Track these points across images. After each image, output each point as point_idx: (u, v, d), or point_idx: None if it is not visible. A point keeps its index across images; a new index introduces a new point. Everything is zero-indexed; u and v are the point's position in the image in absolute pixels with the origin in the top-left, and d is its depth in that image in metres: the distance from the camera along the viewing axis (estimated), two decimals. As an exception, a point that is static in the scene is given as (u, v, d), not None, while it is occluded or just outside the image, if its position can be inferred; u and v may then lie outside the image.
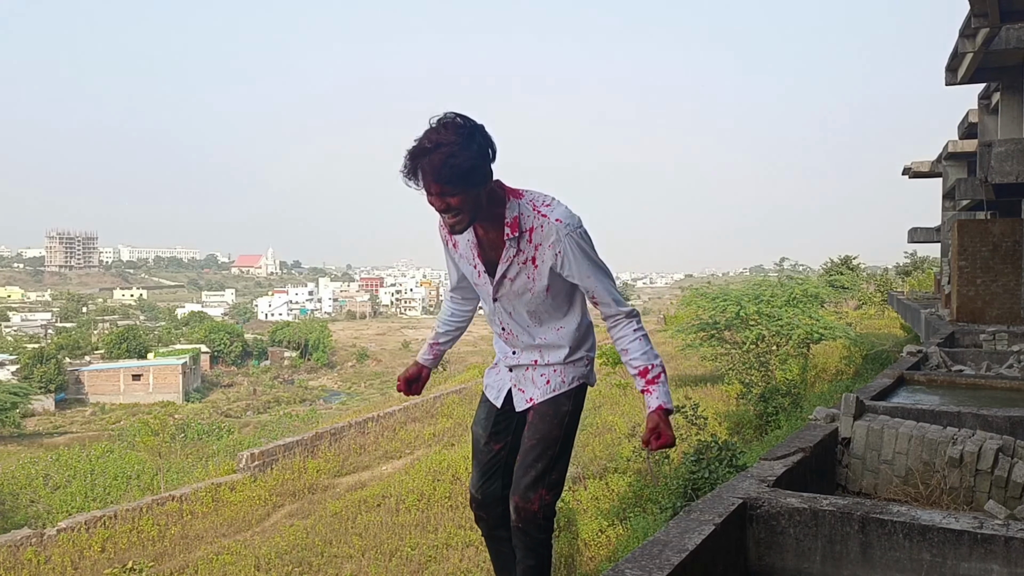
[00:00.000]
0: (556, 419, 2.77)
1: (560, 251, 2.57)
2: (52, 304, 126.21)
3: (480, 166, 2.43)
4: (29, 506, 24.42)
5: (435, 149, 2.37)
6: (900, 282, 44.96)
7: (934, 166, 26.28)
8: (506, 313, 2.78)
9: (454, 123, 2.41)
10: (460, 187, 2.42)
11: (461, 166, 2.38)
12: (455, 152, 2.36)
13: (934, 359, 8.76)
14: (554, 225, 2.55)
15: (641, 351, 2.67)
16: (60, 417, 49.36)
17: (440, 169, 2.37)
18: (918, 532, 3.02)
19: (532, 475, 2.71)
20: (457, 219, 2.50)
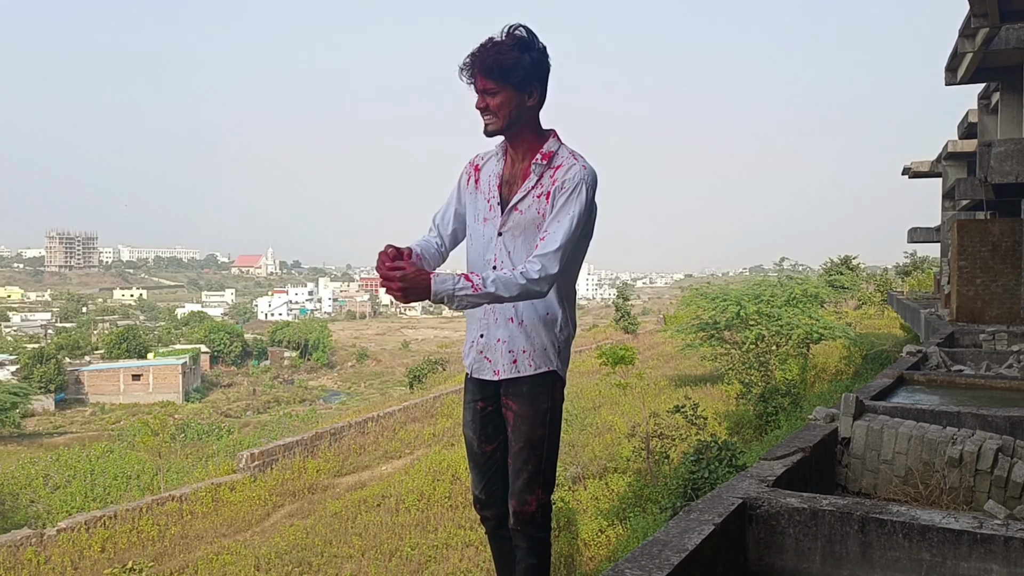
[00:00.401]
0: (537, 418, 2.76)
1: (567, 187, 2.61)
2: (52, 304, 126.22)
3: (523, 67, 2.61)
4: (29, 506, 24.40)
5: (492, 46, 2.59)
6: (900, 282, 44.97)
7: (934, 166, 26.28)
8: (505, 251, 2.74)
9: (514, 32, 2.62)
10: (500, 82, 2.60)
11: (504, 62, 2.57)
12: (504, 51, 2.58)
13: (934, 359, 8.77)
14: (579, 169, 2.64)
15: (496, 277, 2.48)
16: (60, 417, 49.33)
17: (484, 60, 2.60)
18: (918, 532, 3.02)
19: (524, 478, 2.73)
20: (492, 119, 2.65)
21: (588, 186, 2.62)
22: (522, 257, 2.67)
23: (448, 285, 2.44)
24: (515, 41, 2.59)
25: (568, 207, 2.59)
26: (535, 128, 2.71)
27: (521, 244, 2.70)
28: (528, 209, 2.68)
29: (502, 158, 2.80)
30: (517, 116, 2.65)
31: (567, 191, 2.60)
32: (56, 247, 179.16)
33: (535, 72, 2.63)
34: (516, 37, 2.60)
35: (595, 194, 2.66)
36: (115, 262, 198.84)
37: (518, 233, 2.70)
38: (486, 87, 2.60)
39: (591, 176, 2.64)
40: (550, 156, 2.67)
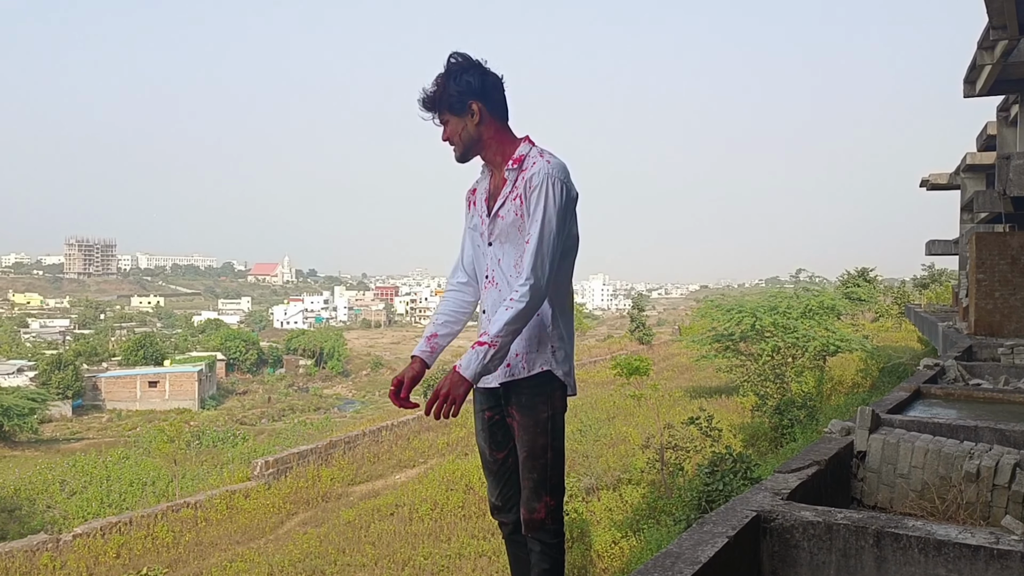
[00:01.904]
0: (538, 427, 2.78)
1: (535, 187, 2.67)
2: (70, 311, 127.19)
3: (450, 94, 2.73)
4: (46, 511, 24.57)
5: (434, 83, 2.75)
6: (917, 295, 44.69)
7: (952, 178, 26.12)
8: (495, 260, 2.82)
9: (448, 61, 2.75)
10: (446, 114, 2.75)
11: (442, 95, 2.73)
12: (444, 84, 2.72)
13: (951, 373, 8.69)
14: (543, 164, 2.70)
15: (497, 320, 2.60)
16: (77, 423, 49.63)
17: (429, 99, 2.76)
18: (933, 547, 3.00)
19: (530, 486, 2.77)
20: (454, 148, 2.81)
21: (555, 178, 2.67)
22: (510, 263, 2.77)
23: (476, 365, 2.58)
24: (451, 71, 2.73)
25: (538, 207, 2.65)
26: (500, 140, 2.79)
27: (508, 250, 2.78)
28: (508, 213, 2.75)
29: (487, 175, 2.90)
30: (469, 137, 2.77)
31: (534, 189, 2.67)
32: (75, 254, 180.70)
33: (467, 94, 2.72)
34: (446, 67, 2.74)
35: (566, 182, 2.70)
36: (133, 269, 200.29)
37: (504, 239, 2.78)
38: (439, 119, 2.78)
39: (556, 167, 2.69)
40: (521, 160, 2.75)
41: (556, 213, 2.64)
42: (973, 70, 16.74)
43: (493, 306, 2.81)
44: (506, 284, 2.77)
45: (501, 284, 2.79)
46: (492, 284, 2.83)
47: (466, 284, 2.97)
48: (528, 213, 2.68)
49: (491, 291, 2.83)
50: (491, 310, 2.82)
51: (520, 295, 2.59)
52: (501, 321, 2.58)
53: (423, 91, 2.75)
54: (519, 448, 2.81)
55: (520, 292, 2.60)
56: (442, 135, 2.79)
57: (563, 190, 2.67)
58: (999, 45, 14.13)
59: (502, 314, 2.59)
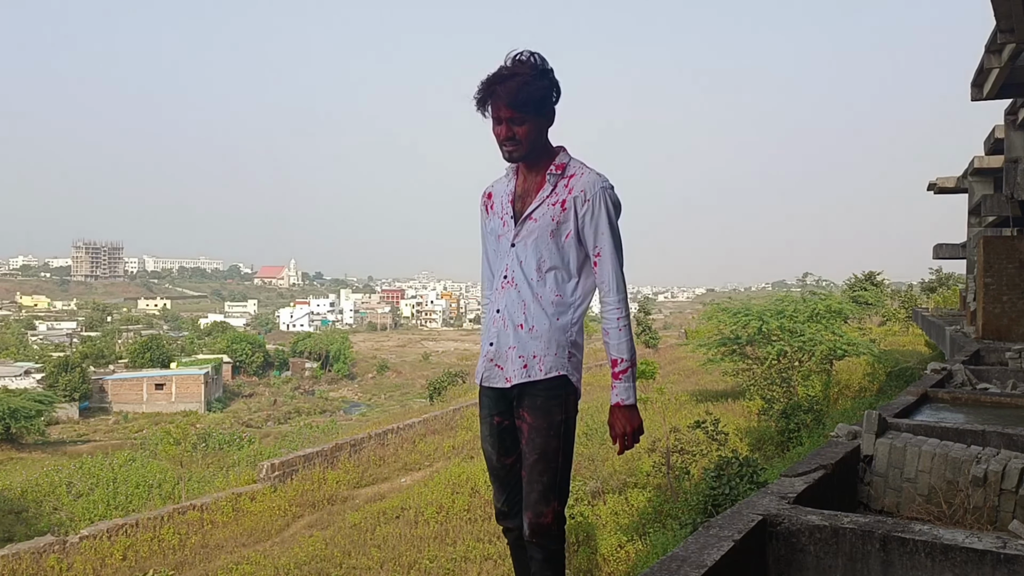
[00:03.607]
0: (551, 430, 2.78)
1: (590, 199, 2.72)
2: (77, 313, 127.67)
3: (548, 99, 2.70)
4: (52, 513, 24.63)
5: (511, 77, 2.64)
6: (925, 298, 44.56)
7: (960, 182, 26.05)
8: (517, 261, 2.81)
9: (530, 59, 2.68)
10: (530, 115, 2.68)
11: (533, 94, 2.66)
12: (530, 81, 2.65)
13: (959, 377, 8.67)
14: (594, 177, 2.75)
15: (616, 342, 2.76)
16: (84, 425, 49.76)
17: (515, 95, 2.64)
18: (940, 551, 2.99)
19: (539, 490, 2.75)
20: (516, 147, 2.73)
21: (608, 190, 2.75)
22: (532, 265, 2.78)
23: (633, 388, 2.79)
24: (536, 70, 2.66)
25: (601, 219, 2.73)
26: (547, 144, 2.81)
27: (531, 252, 2.78)
28: (543, 216, 2.76)
29: (512, 177, 2.89)
30: (539, 140, 2.75)
31: (589, 201, 2.72)
32: (82, 257, 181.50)
33: (552, 96, 2.72)
34: (534, 65, 2.67)
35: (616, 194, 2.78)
36: (140, 272, 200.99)
37: (530, 242, 2.77)
38: (512, 116, 2.67)
39: (605, 178, 2.76)
40: (563, 167, 2.77)
41: (616, 224, 2.75)
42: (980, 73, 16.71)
43: (510, 306, 2.81)
44: (526, 286, 2.78)
45: (521, 286, 2.80)
46: (511, 284, 2.82)
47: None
48: (588, 224, 2.74)
49: (509, 291, 2.82)
50: (508, 310, 2.81)
51: (621, 313, 2.76)
52: (623, 341, 2.76)
53: (510, 83, 2.64)
54: (528, 452, 2.79)
55: (619, 309, 2.75)
56: (504, 132, 2.70)
57: (617, 202, 2.76)
58: (1007, 48, 14.10)
59: (620, 336, 2.76)
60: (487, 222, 2.95)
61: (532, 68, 2.65)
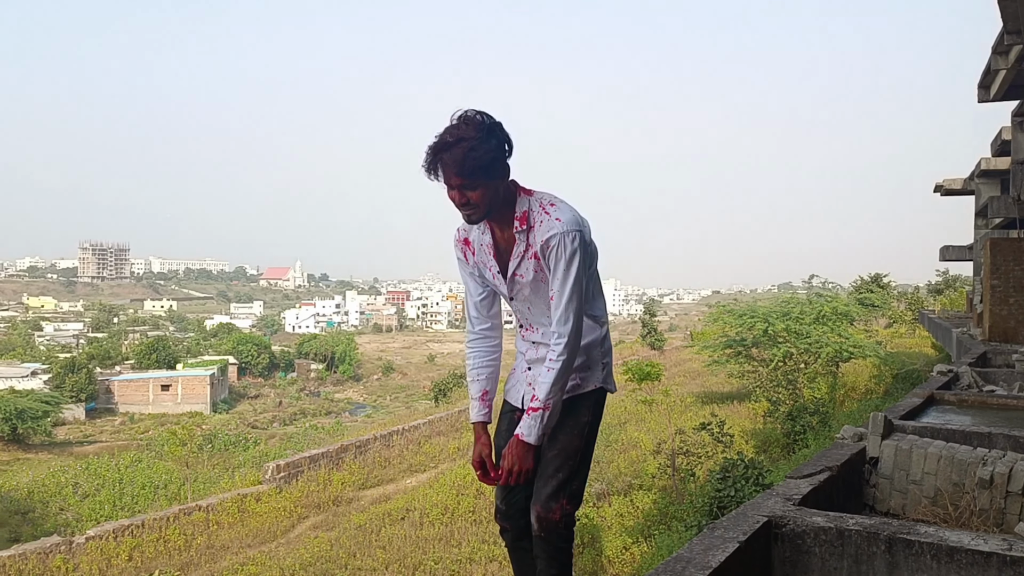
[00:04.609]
0: (576, 430, 2.81)
1: (552, 247, 2.62)
2: (84, 314, 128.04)
3: (499, 160, 2.56)
4: (58, 514, 24.70)
5: (456, 144, 2.51)
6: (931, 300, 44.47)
7: (966, 184, 26.01)
8: (525, 308, 2.84)
9: (474, 119, 2.54)
10: (481, 180, 2.55)
11: (481, 160, 2.51)
12: (475, 147, 2.50)
13: (965, 379, 8.64)
14: (554, 223, 2.63)
15: (542, 380, 2.68)
16: (90, 426, 49.93)
17: (462, 163, 2.51)
18: (946, 553, 2.98)
19: (553, 485, 2.75)
20: (473, 211, 2.62)
21: (566, 233, 2.61)
22: (543, 309, 2.79)
23: (538, 429, 2.68)
24: (482, 132, 2.52)
25: (558, 266, 2.63)
26: (507, 195, 2.69)
27: (535, 300, 2.80)
28: (527, 272, 2.73)
29: (485, 228, 2.81)
30: (496, 198, 2.63)
31: (552, 249, 2.62)
32: (89, 258, 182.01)
33: (505, 156, 2.60)
34: (480, 126, 2.53)
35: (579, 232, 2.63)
36: (146, 273, 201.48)
37: (528, 293, 2.77)
38: (463, 183, 2.56)
39: (567, 223, 2.62)
40: (526, 218, 2.67)
41: (576, 268, 2.63)
42: (988, 75, 16.69)
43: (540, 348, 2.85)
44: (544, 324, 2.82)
45: (542, 328, 2.85)
46: (531, 330, 2.90)
47: (488, 329, 2.97)
48: (549, 269, 2.66)
49: (530, 335, 2.90)
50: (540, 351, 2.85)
51: (557, 355, 2.65)
52: (547, 384, 2.66)
53: (456, 152, 2.50)
54: (549, 446, 2.81)
55: (556, 352, 2.65)
56: (457, 198, 2.59)
57: (576, 242, 2.62)
58: (1014, 50, 14.08)
59: (546, 376, 2.67)
60: (467, 267, 2.90)
61: (478, 130, 2.51)
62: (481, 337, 2.96)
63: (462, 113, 2.56)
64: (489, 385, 2.98)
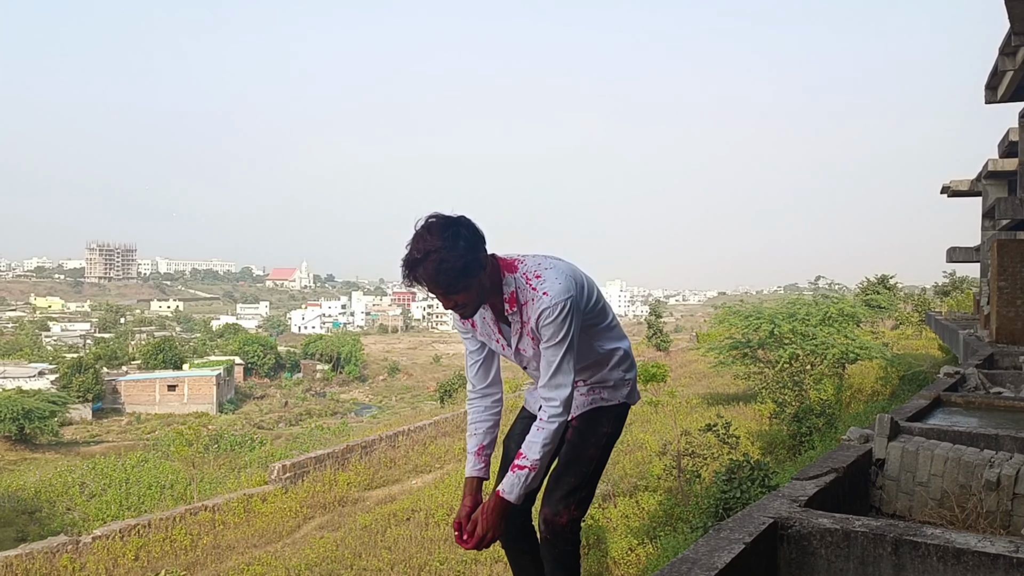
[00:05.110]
0: (594, 439, 2.85)
1: (542, 324, 2.60)
2: (91, 315, 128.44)
3: (472, 260, 2.49)
4: (65, 513, 24.79)
5: (425, 258, 2.45)
6: (938, 302, 44.36)
7: (974, 185, 25.94)
8: (535, 373, 2.82)
9: (436, 226, 2.48)
10: (461, 285, 2.51)
11: (454, 268, 2.46)
12: (444, 257, 2.44)
13: (972, 381, 8.63)
14: (542, 299, 2.59)
15: (532, 439, 2.64)
16: (97, 426, 50.05)
17: (436, 277, 2.47)
18: (952, 555, 2.98)
19: (564, 489, 2.78)
20: (464, 310, 2.62)
21: (553, 306, 2.58)
22: None
23: (520, 488, 2.64)
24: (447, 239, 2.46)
25: (547, 333, 2.61)
26: (494, 279, 2.66)
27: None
28: (527, 347, 2.74)
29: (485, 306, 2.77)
30: (483, 291, 2.61)
31: (544, 325, 2.60)
32: (96, 259, 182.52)
33: (478, 251, 2.54)
34: (443, 231, 2.48)
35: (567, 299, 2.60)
36: (153, 274, 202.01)
37: (536, 364, 2.75)
38: (445, 292, 2.55)
39: (554, 295, 2.59)
40: (514, 299, 2.65)
41: (567, 333, 2.60)
42: (995, 76, 16.65)
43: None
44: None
45: None
46: None
47: (488, 386, 2.96)
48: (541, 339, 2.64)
49: None
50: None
51: (549, 417, 2.63)
52: (537, 444, 2.62)
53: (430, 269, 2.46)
54: (565, 451, 2.84)
55: (548, 415, 2.62)
56: (445, 304, 2.58)
57: (567, 310, 2.58)
58: (1021, 51, 14.05)
59: (536, 435, 2.64)
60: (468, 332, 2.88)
61: (442, 238, 2.45)
62: (481, 396, 2.96)
63: (424, 223, 2.50)
64: (487, 440, 2.95)
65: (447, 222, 2.50)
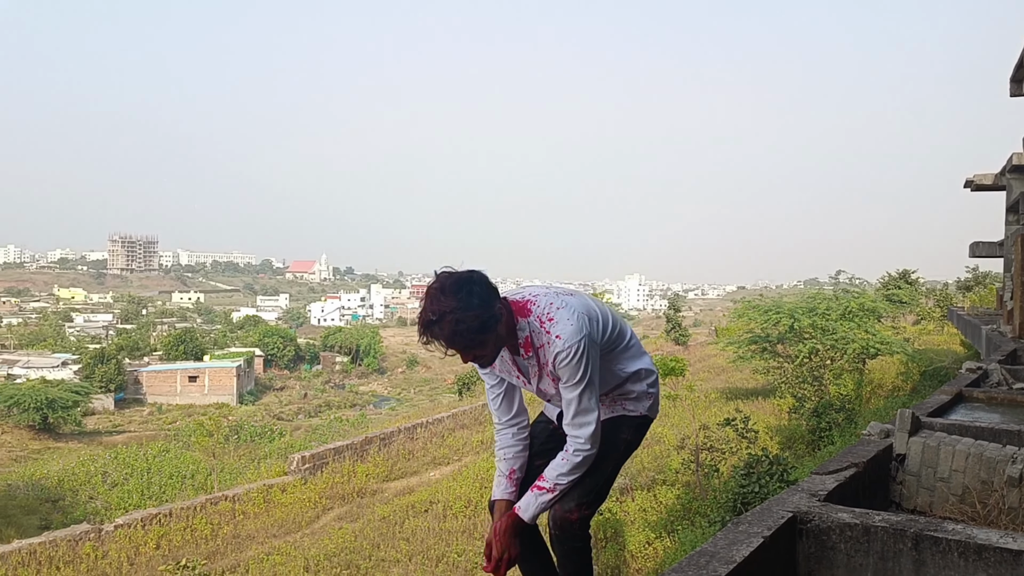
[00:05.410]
0: (614, 443, 2.84)
1: (559, 365, 2.60)
2: (113, 306, 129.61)
3: (488, 317, 2.48)
4: (88, 502, 25.08)
5: (441, 319, 2.44)
6: (961, 297, 43.86)
7: (997, 179, 25.60)
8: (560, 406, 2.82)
9: (450, 286, 2.47)
10: (479, 342, 2.50)
11: (470, 327, 2.46)
12: (460, 318, 2.44)
13: (995, 376, 8.54)
14: (556, 342, 2.59)
15: (555, 467, 2.69)
16: (119, 416, 50.53)
17: (453, 337, 2.46)
18: (974, 551, 2.96)
19: (579, 490, 2.75)
20: (483, 361, 2.63)
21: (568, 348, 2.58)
22: None
23: (535, 508, 2.71)
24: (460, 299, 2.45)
25: (565, 374, 2.61)
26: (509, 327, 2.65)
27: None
28: (548, 387, 2.75)
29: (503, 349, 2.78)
30: (500, 341, 2.60)
31: (560, 367, 2.61)
32: (118, 250, 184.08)
33: (492, 306, 2.51)
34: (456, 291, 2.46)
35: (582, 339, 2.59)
36: (174, 266, 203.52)
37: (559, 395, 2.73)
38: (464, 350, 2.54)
39: (568, 336, 2.58)
40: (529, 343, 2.66)
41: (584, 371, 2.60)
42: (1020, 68, 16.44)
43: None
44: None
45: None
46: None
47: (513, 417, 2.95)
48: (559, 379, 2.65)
49: None
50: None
51: (575, 450, 2.66)
52: (561, 471, 2.67)
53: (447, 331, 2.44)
54: None
55: (574, 448, 2.66)
56: (465, 358, 2.56)
57: (582, 350, 2.58)
58: (1047, 43, 13.84)
59: (560, 463, 2.68)
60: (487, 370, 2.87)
61: (456, 298, 2.44)
62: (507, 427, 2.95)
63: (437, 283, 2.49)
64: (517, 463, 2.93)
65: (460, 280, 2.49)
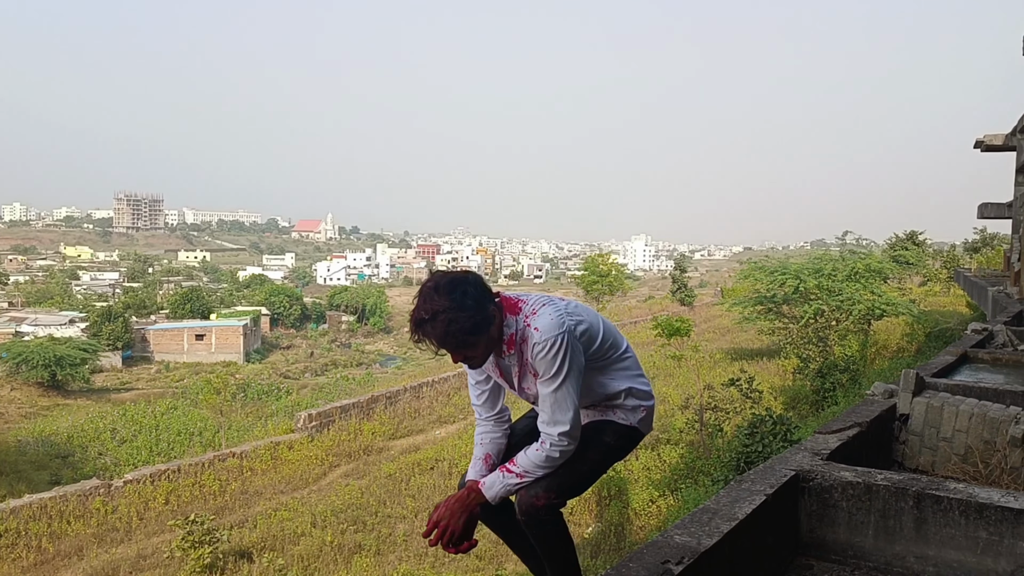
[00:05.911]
0: (595, 444, 2.77)
1: (536, 357, 2.56)
2: (120, 264, 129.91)
3: (480, 318, 2.48)
4: (97, 458, 25.36)
5: (433, 319, 2.44)
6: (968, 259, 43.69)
7: (1008, 139, 25.35)
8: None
9: (444, 286, 2.47)
10: (470, 343, 2.50)
11: (463, 328, 2.46)
12: (453, 318, 2.44)
13: (1000, 337, 8.54)
14: (534, 335, 2.56)
15: (529, 456, 2.62)
16: (127, 374, 50.86)
17: (445, 337, 2.46)
18: (975, 510, 2.97)
19: (551, 479, 2.66)
20: (473, 361, 2.61)
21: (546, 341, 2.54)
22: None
23: (500, 488, 2.65)
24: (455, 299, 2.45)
25: (546, 372, 2.57)
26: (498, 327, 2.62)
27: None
28: (531, 385, 2.68)
29: None
30: (492, 342, 2.59)
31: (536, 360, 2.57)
32: (124, 209, 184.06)
33: (485, 308, 2.51)
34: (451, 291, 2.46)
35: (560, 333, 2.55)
36: (180, 224, 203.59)
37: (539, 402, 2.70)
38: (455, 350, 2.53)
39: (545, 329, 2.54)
40: (513, 340, 2.62)
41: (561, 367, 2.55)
42: (1034, 27, 16.14)
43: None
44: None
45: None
46: None
47: (497, 412, 2.90)
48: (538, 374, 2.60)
49: None
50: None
51: (553, 443, 2.59)
52: (534, 460, 2.61)
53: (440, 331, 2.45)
54: None
55: (552, 440, 2.59)
56: (456, 358, 2.56)
57: (559, 344, 2.54)
58: (1063, 0, 13.59)
59: (535, 453, 2.61)
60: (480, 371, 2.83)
61: (451, 299, 2.44)
62: (488, 421, 2.90)
63: (431, 282, 2.49)
64: (494, 449, 2.86)
65: (455, 280, 2.49)
